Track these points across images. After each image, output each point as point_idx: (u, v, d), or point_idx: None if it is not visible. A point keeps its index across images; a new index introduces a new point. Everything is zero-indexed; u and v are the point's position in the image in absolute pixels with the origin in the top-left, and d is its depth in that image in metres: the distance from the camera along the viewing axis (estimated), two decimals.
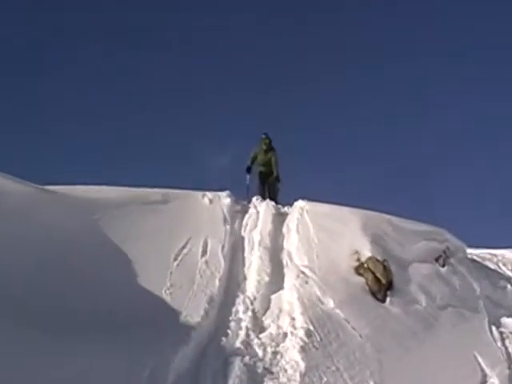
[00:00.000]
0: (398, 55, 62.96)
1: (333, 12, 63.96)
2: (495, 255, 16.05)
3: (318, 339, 10.11)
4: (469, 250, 14.84)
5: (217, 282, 11.66)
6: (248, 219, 15.20)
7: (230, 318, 10.75)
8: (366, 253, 12.27)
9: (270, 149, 18.66)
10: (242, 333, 10.29)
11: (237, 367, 9.16)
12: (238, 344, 9.95)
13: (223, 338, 10.06)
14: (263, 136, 18.75)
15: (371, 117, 58.99)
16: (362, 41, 62.38)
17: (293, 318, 10.62)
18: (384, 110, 59.42)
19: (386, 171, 55.54)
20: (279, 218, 14.98)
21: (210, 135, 58.73)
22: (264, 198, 17.37)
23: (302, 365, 9.43)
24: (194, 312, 10.42)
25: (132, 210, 13.39)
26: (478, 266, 14.13)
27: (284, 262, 12.71)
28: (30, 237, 10.53)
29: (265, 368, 9.41)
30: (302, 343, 9.93)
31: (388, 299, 11.62)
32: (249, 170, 18.70)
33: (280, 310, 10.99)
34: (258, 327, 10.59)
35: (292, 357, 9.66)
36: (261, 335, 10.34)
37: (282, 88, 61.12)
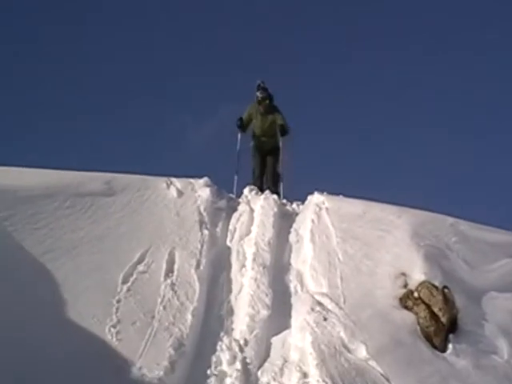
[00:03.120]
0: None
1: None
2: None
3: None
4: None
5: (189, 317, 11.45)
6: (237, 221, 15.02)
7: (209, 373, 10.57)
8: (418, 276, 12.00)
9: (271, 108, 17.77)
10: None
11: None
12: None
13: None
14: (258, 94, 17.75)
15: None
16: None
17: (304, 374, 10.37)
18: None
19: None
20: (285, 221, 14.92)
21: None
22: (261, 186, 17.39)
23: None
24: (152, 363, 10.22)
25: (61, 204, 13.20)
26: None
27: (292, 288, 12.62)
28: None
29: None
30: None
31: (450, 346, 11.35)
32: (241, 125, 17.96)
33: (285, 361, 10.80)
34: None
35: None
36: None
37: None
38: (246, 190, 16.51)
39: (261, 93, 17.39)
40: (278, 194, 16.90)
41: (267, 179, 17.23)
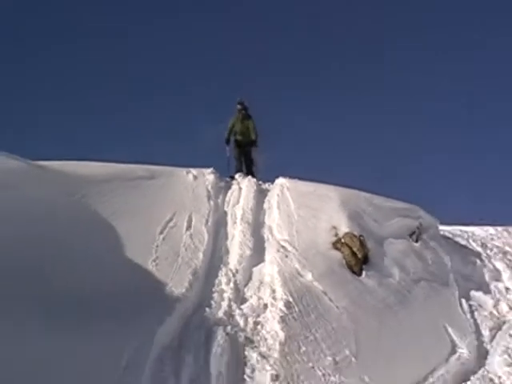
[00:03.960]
0: None
1: None
2: (466, 232, 16.11)
3: (297, 310, 10.11)
4: (441, 227, 14.90)
5: (200, 255, 11.59)
6: (231, 195, 15.10)
7: (213, 290, 10.73)
8: (344, 228, 12.25)
9: (246, 116, 17.68)
10: (225, 304, 10.28)
11: (219, 337, 9.18)
12: (220, 315, 9.95)
13: (206, 309, 10.06)
14: (238, 106, 17.69)
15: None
16: None
17: (273, 290, 10.60)
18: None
19: (364, 151, 56.26)
20: (261, 195, 14.88)
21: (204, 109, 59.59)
22: (241, 169, 17.34)
23: (282, 335, 9.45)
24: (178, 283, 10.36)
25: (118, 185, 13.22)
26: (449, 242, 14.20)
27: (265, 237, 12.66)
28: (16, 211, 10.40)
29: (246, 338, 9.44)
30: (281, 314, 9.93)
31: (364, 273, 11.63)
32: (227, 141, 17.86)
33: (261, 283, 10.96)
34: (240, 298, 10.59)
35: (272, 327, 9.69)
36: (242, 306, 10.33)
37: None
38: (237, 175, 16.66)
39: (239, 106, 17.50)
40: (251, 171, 17.22)
41: (245, 162, 17.31)
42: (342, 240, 12.04)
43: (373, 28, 64.77)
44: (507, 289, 12.38)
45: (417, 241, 13.19)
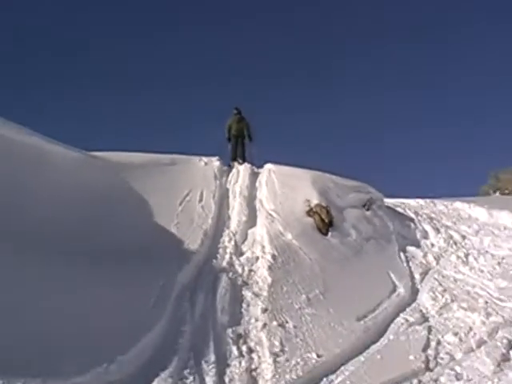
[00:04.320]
0: None
1: None
2: (403, 203, 16.10)
3: (280, 261, 10.09)
4: (385, 200, 14.85)
5: (209, 221, 11.53)
6: (232, 177, 15.03)
7: (219, 246, 10.69)
8: (315, 201, 12.17)
9: (241, 119, 17.35)
10: (227, 256, 10.25)
11: (223, 281, 9.19)
12: (224, 264, 9.93)
13: (214, 260, 10.04)
14: (234, 111, 17.41)
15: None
16: None
17: (263, 246, 10.57)
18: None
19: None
20: (253, 176, 14.76)
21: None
22: (235, 156, 17.06)
23: (269, 279, 9.44)
24: (193, 241, 10.37)
25: (149, 170, 13.18)
26: (391, 211, 14.16)
27: (257, 207, 12.55)
28: (75, 188, 10.38)
29: (243, 281, 9.43)
30: (269, 264, 9.92)
31: (329, 234, 11.57)
32: (229, 139, 17.48)
33: (254, 241, 10.92)
34: (238, 252, 10.54)
35: (262, 273, 9.67)
36: (240, 258, 10.29)
37: None
38: (236, 163, 16.56)
39: (235, 111, 17.38)
40: (244, 157, 17.01)
41: (239, 155, 17.08)
42: (314, 209, 11.95)
43: None
44: (432, 244, 12.37)
45: (368, 210, 13.13)
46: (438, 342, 7.88)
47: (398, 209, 14.84)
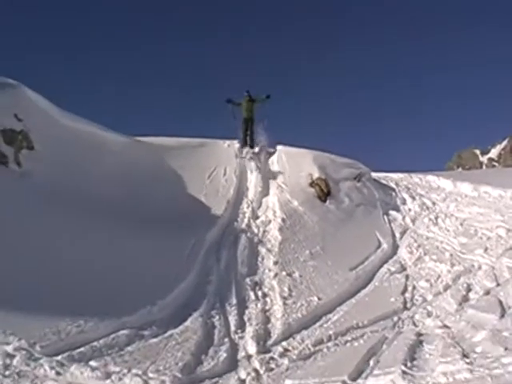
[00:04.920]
0: None
1: None
2: (387, 176, 15.75)
3: (288, 224, 9.93)
4: (372, 174, 14.55)
5: (231, 191, 11.36)
6: (246, 154, 14.20)
7: (239, 212, 10.53)
8: (316, 175, 11.85)
9: (251, 100, 14.88)
10: (246, 220, 10.12)
11: (243, 239, 9.14)
12: (243, 226, 9.84)
13: (235, 223, 9.94)
14: (245, 93, 14.76)
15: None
16: None
17: (274, 212, 10.39)
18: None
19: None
20: (268, 155, 14.20)
21: None
22: (245, 140, 14.77)
23: (279, 238, 9.35)
24: (218, 208, 10.29)
25: (183, 151, 12.92)
26: (377, 182, 13.83)
27: (269, 180, 12.18)
28: (121, 167, 10.33)
29: (259, 239, 9.35)
30: (279, 225, 9.79)
31: (327, 201, 11.31)
32: (229, 100, 14.86)
33: (267, 207, 10.72)
34: (255, 217, 10.36)
35: (274, 233, 9.56)
36: (256, 221, 10.15)
37: None
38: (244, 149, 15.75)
39: (246, 94, 14.72)
40: (252, 139, 14.78)
41: (249, 141, 14.67)
42: (315, 182, 11.68)
43: None
44: (409, 209, 12.09)
45: (358, 182, 12.81)
46: (414, 287, 7.79)
47: (382, 181, 14.50)
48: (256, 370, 5.23)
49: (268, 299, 7.18)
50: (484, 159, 61.66)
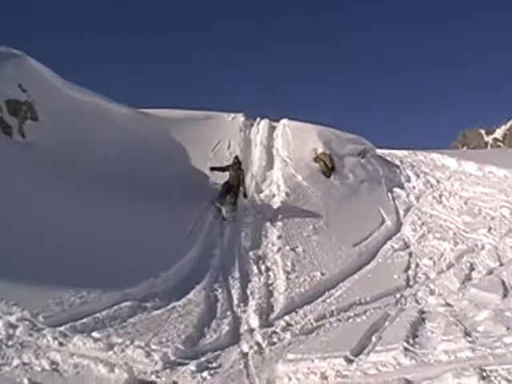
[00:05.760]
0: None
1: None
2: (391, 153, 15.59)
3: (292, 198, 9.88)
4: (376, 150, 14.37)
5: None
6: (253, 129, 14.21)
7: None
8: (320, 150, 11.70)
9: (239, 168, 11.22)
10: (250, 193, 9.99)
11: (246, 213, 9.11)
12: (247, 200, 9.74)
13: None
14: (234, 159, 11.06)
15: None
16: None
17: (278, 186, 10.30)
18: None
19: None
20: (271, 130, 13.95)
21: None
22: (223, 200, 9.77)
23: (283, 212, 9.29)
24: (222, 180, 10.01)
25: (188, 123, 12.71)
26: (381, 159, 13.68)
27: (274, 154, 12.09)
28: (127, 138, 10.21)
29: (262, 213, 9.27)
30: (283, 199, 9.75)
31: (332, 176, 11.21)
32: (213, 168, 10.67)
33: (271, 181, 10.64)
34: (259, 190, 10.31)
35: (278, 206, 9.54)
36: (261, 194, 10.11)
37: None
38: (258, 119, 15.78)
39: (235, 160, 13.03)
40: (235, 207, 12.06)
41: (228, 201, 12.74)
42: (319, 157, 11.54)
43: None
44: (413, 187, 12.00)
45: (362, 158, 12.68)
46: (417, 265, 7.76)
47: (387, 157, 14.35)
48: (258, 344, 5.22)
49: (271, 273, 7.14)
50: (489, 139, 61.21)
